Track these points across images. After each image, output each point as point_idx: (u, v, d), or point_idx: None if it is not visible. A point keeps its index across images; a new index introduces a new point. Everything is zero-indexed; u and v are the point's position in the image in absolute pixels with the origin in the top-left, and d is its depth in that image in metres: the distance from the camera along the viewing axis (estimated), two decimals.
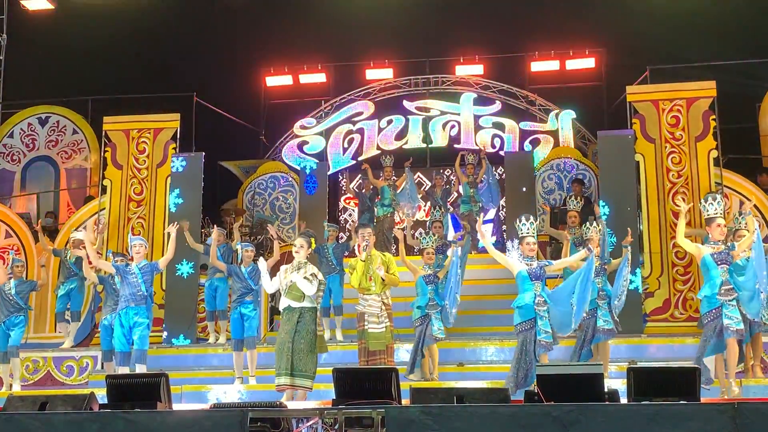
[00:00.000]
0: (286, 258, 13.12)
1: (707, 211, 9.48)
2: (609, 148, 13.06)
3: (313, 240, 9.25)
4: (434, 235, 11.33)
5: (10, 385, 11.54)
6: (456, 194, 16.30)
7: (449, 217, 15.69)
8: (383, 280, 9.47)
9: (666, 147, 12.95)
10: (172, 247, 10.50)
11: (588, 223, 10.79)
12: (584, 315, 9.45)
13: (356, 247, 12.10)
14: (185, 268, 13.12)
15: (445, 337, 10.64)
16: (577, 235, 12.00)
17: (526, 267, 9.24)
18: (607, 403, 6.15)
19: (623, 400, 6.49)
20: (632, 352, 10.96)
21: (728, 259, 9.14)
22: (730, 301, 8.99)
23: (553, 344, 9.19)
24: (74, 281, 13.29)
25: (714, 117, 12.90)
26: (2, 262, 11.63)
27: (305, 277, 8.84)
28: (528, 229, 9.36)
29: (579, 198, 13.00)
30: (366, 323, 9.40)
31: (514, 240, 12.54)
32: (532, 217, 9.50)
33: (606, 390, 6.35)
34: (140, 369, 9.87)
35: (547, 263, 9.48)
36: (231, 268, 11.50)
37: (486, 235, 9.85)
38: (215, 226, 13.54)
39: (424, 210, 17.25)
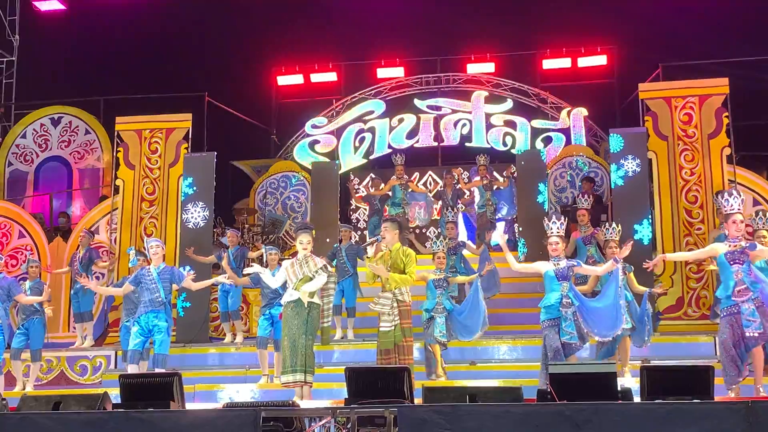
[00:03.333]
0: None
1: (725, 206, 8.91)
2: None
3: (314, 231, 9.32)
4: (445, 239, 11.29)
5: (24, 385, 11.60)
6: (467, 193, 16.26)
7: (462, 216, 15.68)
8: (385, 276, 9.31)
9: (679, 144, 12.90)
10: (207, 284, 10.52)
11: (607, 224, 10.74)
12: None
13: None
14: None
15: (447, 341, 10.55)
16: (587, 234, 12.00)
17: (553, 267, 9.21)
18: (620, 402, 6.12)
19: (636, 399, 6.46)
20: (645, 351, 10.90)
21: (743, 258, 8.68)
22: (745, 301, 8.58)
23: (580, 345, 9.13)
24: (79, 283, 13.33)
25: (727, 114, 12.86)
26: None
27: (316, 271, 8.87)
28: (555, 229, 9.33)
29: (589, 196, 12.96)
30: (380, 322, 9.35)
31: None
32: (554, 217, 9.46)
33: (619, 389, 6.32)
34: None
35: (576, 263, 9.38)
36: (256, 277, 11.42)
37: (510, 257, 9.66)
38: (229, 228, 13.56)
39: (435, 209, 17.23)
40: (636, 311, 10.01)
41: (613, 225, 10.52)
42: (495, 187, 15.18)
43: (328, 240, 13.18)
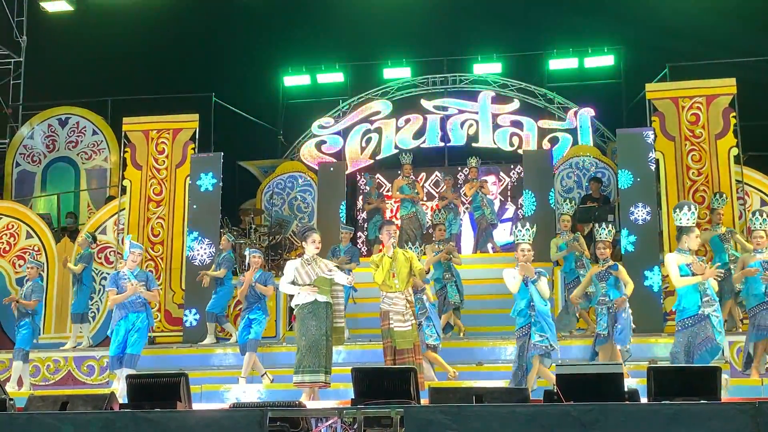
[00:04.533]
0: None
1: (682, 219, 8.96)
2: (628, 146, 12.97)
3: None
4: (421, 245, 11.39)
5: (31, 385, 11.63)
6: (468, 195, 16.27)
7: (468, 216, 15.68)
8: (414, 275, 9.39)
9: (686, 145, 12.88)
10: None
11: (597, 225, 10.68)
12: None
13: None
14: (191, 317, 13.16)
15: (440, 344, 10.53)
16: (569, 239, 12.02)
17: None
18: (627, 402, 6.11)
19: (643, 400, 6.45)
20: (652, 352, 10.88)
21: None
22: (714, 312, 8.69)
23: (549, 349, 9.12)
24: (75, 284, 13.35)
25: (734, 114, 12.84)
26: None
27: (330, 270, 8.97)
28: (524, 235, 9.32)
29: (571, 202, 12.96)
30: (391, 321, 9.30)
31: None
32: (528, 224, 9.47)
33: (626, 389, 6.32)
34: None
35: (543, 273, 9.35)
36: (262, 278, 11.42)
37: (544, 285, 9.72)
38: (224, 233, 13.52)
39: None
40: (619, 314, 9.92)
41: (603, 226, 10.44)
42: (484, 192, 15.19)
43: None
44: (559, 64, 18.31)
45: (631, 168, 12.55)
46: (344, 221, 14.33)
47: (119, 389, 9.40)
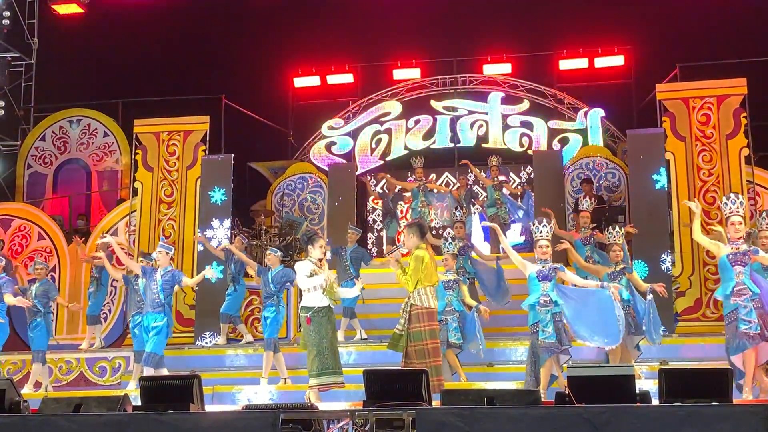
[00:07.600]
0: None
1: (724, 209, 9.26)
2: (639, 146, 12.95)
3: None
4: (453, 240, 11.32)
5: (46, 387, 11.66)
6: (482, 194, 16.26)
7: (478, 216, 15.66)
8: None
9: (696, 145, 12.86)
10: (200, 279, 10.75)
11: (611, 227, 10.68)
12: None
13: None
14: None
15: (461, 342, 10.54)
16: (587, 235, 12.00)
17: (538, 268, 9.25)
18: (638, 404, 6.12)
19: (655, 402, 6.46)
20: (663, 353, 10.86)
21: (744, 260, 8.78)
22: (743, 302, 8.68)
23: (558, 347, 9.10)
24: (93, 284, 13.40)
25: (745, 114, 12.80)
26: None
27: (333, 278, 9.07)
28: (543, 232, 9.35)
29: (591, 198, 12.93)
30: None
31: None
32: (545, 220, 9.50)
33: (637, 391, 6.32)
34: (148, 373, 9.80)
35: (560, 268, 9.39)
36: (261, 269, 11.57)
37: (502, 236, 9.93)
38: (239, 233, 13.60)
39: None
40: (639, 310, 9.93)
41: (617, 228, 10.44)
42: (504, 190, 15.16)
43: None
44: (569, 64, 18.28)
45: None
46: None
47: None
